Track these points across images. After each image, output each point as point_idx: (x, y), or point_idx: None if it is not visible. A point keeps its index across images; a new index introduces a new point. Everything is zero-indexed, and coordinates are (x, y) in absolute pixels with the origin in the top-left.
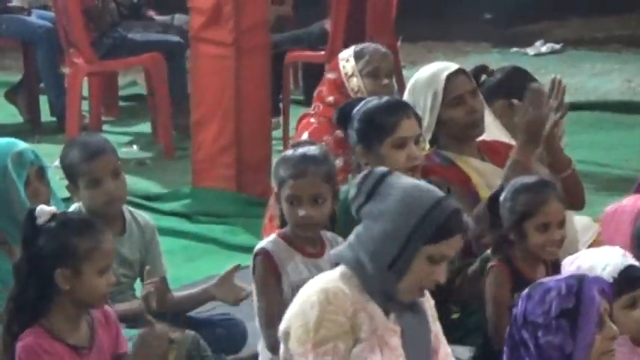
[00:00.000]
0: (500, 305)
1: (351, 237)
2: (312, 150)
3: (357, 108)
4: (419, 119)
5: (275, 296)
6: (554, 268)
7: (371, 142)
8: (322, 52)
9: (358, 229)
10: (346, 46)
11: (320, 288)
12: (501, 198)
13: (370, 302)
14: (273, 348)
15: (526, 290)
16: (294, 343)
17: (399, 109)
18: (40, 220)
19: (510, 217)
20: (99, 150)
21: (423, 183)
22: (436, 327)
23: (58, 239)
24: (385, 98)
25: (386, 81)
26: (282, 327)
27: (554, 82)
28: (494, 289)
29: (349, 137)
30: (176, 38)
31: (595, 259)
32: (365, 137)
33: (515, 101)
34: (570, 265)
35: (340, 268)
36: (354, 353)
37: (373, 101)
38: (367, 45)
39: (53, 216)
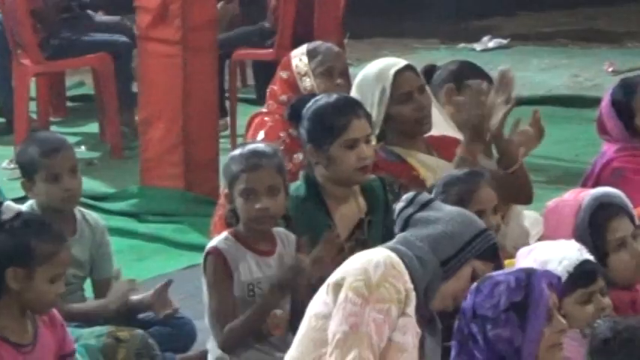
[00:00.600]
0: None
1: (402, 237)
2: (261, 145)
3: (308, 106)
4: (369, 118)
5: (226, 295)
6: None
7: (321, 142)
8: (270, 50)
9: (405, 233)
10: (294, 42)
11: (385, 253)
12: (433, 193)
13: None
14: (224, 346)
15: (475, 284)
16: (349, 292)
17: (350, 108)
18: (4, 217)
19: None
20: (58, 146)
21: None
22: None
23: (17, 237)
24: (335, 96)
25: (339, 80)
26: (333, 279)
27: (502, 74)
28: None
29: (300, 135)
30: (124, 38)
31: (551, 252)
32: (315, 137)
33: (458, 98)
34: (526, 257)
35: (390, 252)
36: (400, 323)
37: (323, 99)
38: (320, 44)
39: (18, 215)
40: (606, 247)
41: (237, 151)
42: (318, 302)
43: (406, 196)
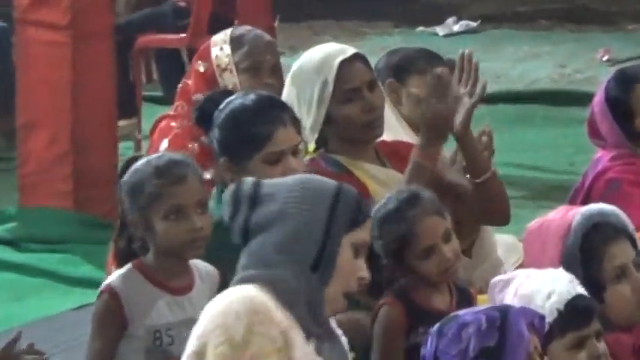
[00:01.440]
0: (390, 350)
1: (247, 258)
2: (174, 154)
3: (220, 109)
4: (297, 124)
5: (109, 344)
6: (462, 293)
7: (237, 155)
8: (182, 36)
9: (253, 245)
10: (212, 27)
11: (242, 296)
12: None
13: (294, 325)
14: None
15: (436, 325)
16: None
17: (273, 113)
18: None
19: (385, 255)
20: None
21: (307, 174)
22: None
23: None
24: (253, 96)
25: (269, 80)
26: (192, 347)
27: (463, 58)
28: (382, 330)
29: (211, 144)
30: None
31: (535, 285)
32: (229, 149)
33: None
34: (502, 291)
35: (248, 288)
36: None
37: (238, 100)
38: (247, 31)
39: None
40: (602, 278)
41: (142, 164)
42: None
43: (228, 196)
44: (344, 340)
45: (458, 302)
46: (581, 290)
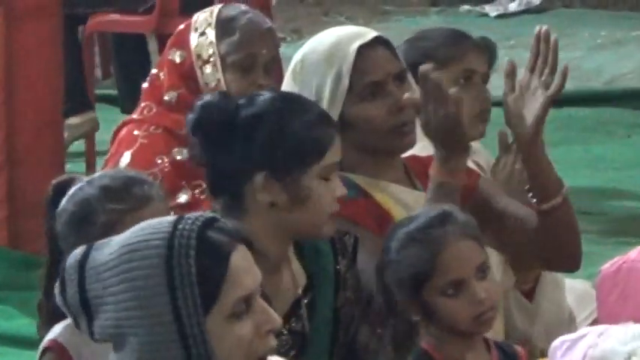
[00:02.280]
0: None
1: None
2: (129, 171)
3: (249, 108)
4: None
5: None
6: (504, 353)
7: (289, 168)
8: (147, 17)
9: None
10: (188, 5)
11: None
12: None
13: None
14: None
15: None
16: None
17: (327, 119)
18: None
19: (400, 287)
20: None
21: (138, 227)
22: None
23: None
24: (286, 94)
25: (262, 80)
26: None
27: (539, 37)
28: None
29: (226, 162)
30: None
31: (612, 344)
32: (275, 160)
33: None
34: (568, 351)
35: None
36: None
37: (272, 97)
38: (239, 12)
39: None
40: None
41: (86, 187)
42: None
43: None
44: None
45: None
46: None
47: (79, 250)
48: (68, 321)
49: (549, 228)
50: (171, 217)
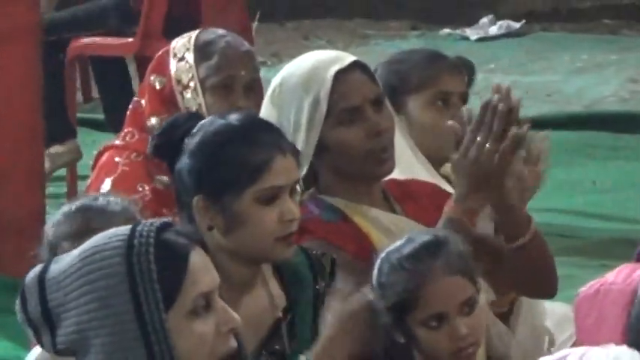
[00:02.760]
0: None
1: None
2: (98, 200)
3: (192, 134)
4: (297, 154)
5: None
6: None
7: (219, 192)
8: (129, 40)
9: None
10: (170, 29)
11: None
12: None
13: None
14: None
15: None
16: None
17: (269, 139)
18: None
19: (386, 311)
20: None
21: (96, 237)
22: None
23: None
24: (237, 116)
25: (242, 102)
26: None
27: (499, 90)
28: None
29: (177, 181)
30: None
31: None
32: (208, 184)
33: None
34: None
35: None
36: None
37: (219, 121)
38: (217, 36)
39: None
40: None
41: (62, 214)
42: None
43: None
44: None
45: None
46: None
47: (37, 267)
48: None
49: (521, 263)
50: (128, 225)
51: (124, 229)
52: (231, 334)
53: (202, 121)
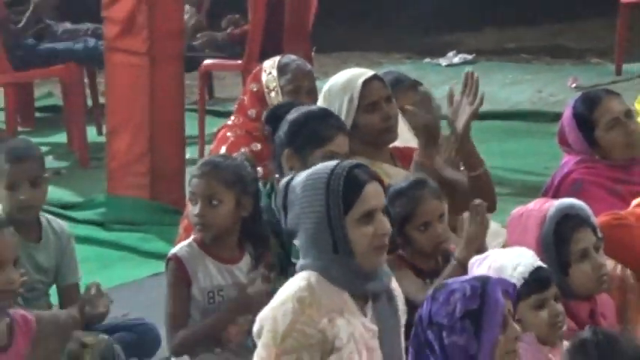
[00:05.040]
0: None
1: (300, 249)
2: (219, 156)
3: (293, 110)
4: (346, 131)
5: (181, 302)
6: (446, 259)
7: (301, 148)
8: (239, 62)
9: (298, 239)
10: (263, 55)
11: (297, 296)
12: None
13: (347, 302)
14: (175, 351)
15: (430, 291)
16: (261, 345)
17: (338, 123)
18: None
19: (395, 224)
20: (22, 156)
21: (317, 166)
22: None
23: None
24: (321, 108)
25: (305, 99)
26: (255, 326)
27: (467, 76)
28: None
29: (276, 140)
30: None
31: (505, 259)
32: (295, 142)
33: (407, 107)
34: (479, 266)
35: (306, 274)
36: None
37: (311, 107)
38: (291, 60)
39: None
40: (569, 258)
41: (199, 164)
42: None
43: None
44: (399, 295)
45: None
46: (540, 263)
47: (288, 176)
48: (185, 243)
49: (477, 187)
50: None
51: (332, 164)
52: (385, 236)
53: (300, 106)
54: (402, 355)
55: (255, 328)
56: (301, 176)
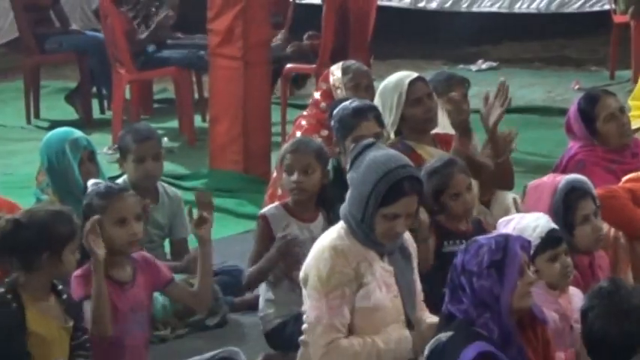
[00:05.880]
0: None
1: (346, 201)
2: (306, 137)
3: (337, 108)
4: (379, 119)
5: (261, 251)
6: (476, 223)
7: (340, 136)
8: (313, 65)
9: (348, 193)
10: (333, 60)
11: (331, 245)
12: None
13: (369, 251)
14: (245, 284)
15: (463, 245)
16: (310, 289)
17: (361, 112)
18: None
19: (429, 196)
20: (148, 135)
21: (390, 153)
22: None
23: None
24: (355, 102)
25: (364, 93)
26: (301, 274)
27: (500, 84)
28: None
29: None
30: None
31: (526, 222)
32: (337, 132)
33: (453, 94)
34: (505, 226)
35: (341, 224)
36: (361, 294)
37: (346, 104)
38: (352, 63)
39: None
40: (574, 221)
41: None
42: None
43: (350, 151)
44: (412, 251)
45: (474, 230)
46: (554, 225)
47: (363, 144)
48: (272, 205)
49: (500, 170)
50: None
51: (399, 162)
52: (398, 234)
53: (343, 102)
54: (416, 288)
55: (301, 275)
56: (375, 152)
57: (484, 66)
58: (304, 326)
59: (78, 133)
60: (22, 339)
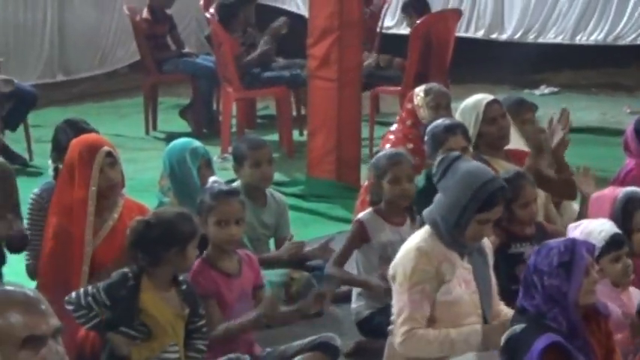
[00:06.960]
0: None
1: (434, 203)
2: (399, 150)
3: (429, 126)
4: (466, 134)
5: (348, 251)
6: (539, 226)
7: (432, 149)
8: (398, 87)
9: (437, 197)
10: (415, 82)
11: (416, 247)
12: None
13: (450, 252)
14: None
15: (536, 248)
16: (397, 284)
17: (450, 129)
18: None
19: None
20: (261, 144)
21: (481, 166)
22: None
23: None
24: (445, 121)
25: (443, 112)
26: (390, 272)
27: (562, 110)
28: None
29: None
30: (296, 73)
31: (593, 226)
32: (428, 146)
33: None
34: (575, 230)
35: (427, 227)
36: (443, 290)
37: (438, 121)
38: (433, 85)
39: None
40: (631, 228)
41: (380, 154)
42: None
43: (436, 161)
44: (488, 251)
45: (536, 233)
46: (617, 230)
47: (451, 156)
48: (368, 211)
49: (563, 184)
50: (486, 175)
51: (484, 176)
52: (483, 236)
53: (435, 120)
54: (492, 285)
55: (390, 272)
56: (467, 164)
57: (546, 91)
58: (392, 317)
59: (197, 142)
60: (133, 308)
